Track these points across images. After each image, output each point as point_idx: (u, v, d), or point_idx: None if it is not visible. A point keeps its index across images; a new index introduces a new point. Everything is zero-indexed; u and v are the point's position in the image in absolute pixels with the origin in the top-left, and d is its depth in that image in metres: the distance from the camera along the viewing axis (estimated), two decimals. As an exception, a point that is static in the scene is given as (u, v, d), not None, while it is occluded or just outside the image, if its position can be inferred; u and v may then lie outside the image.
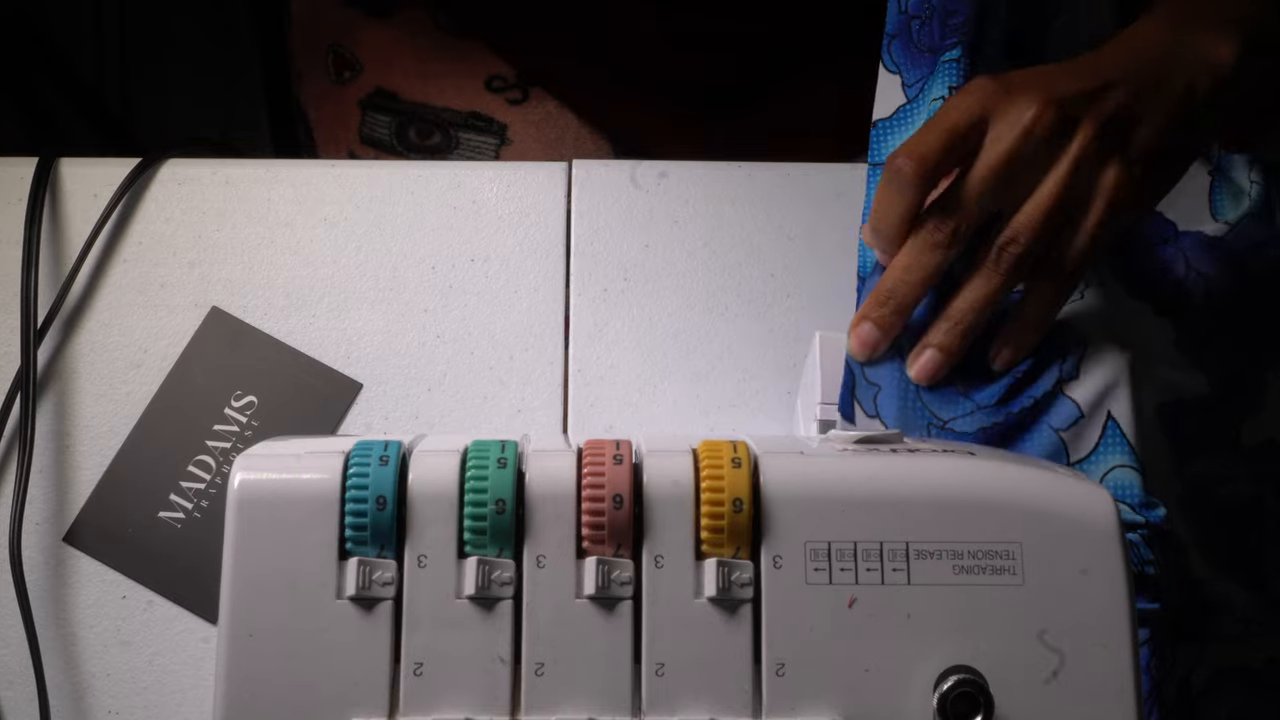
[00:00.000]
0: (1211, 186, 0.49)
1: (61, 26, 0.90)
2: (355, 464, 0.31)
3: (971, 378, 0.43)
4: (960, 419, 0.43)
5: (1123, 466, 0.42)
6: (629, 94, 0.64)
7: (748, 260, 0.51)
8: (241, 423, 0.49)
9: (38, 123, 0.86)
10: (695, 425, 0.49)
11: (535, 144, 0.64)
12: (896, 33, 0.48)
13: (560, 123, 0.64)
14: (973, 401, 0.43)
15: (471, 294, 0.51)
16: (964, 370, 0.43)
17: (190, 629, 0.47)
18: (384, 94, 0.65)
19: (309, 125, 0.70)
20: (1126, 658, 0.31)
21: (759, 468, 0.32)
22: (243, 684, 0.30)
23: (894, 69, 0.48)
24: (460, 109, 0.64)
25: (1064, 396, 0.42)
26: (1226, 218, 0.49)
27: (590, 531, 0.31)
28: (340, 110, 0.67)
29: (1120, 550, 0.31)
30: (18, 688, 0.47)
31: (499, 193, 0.52)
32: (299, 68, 0.70)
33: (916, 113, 0.47)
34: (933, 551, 0.31)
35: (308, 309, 0.51)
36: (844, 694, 0.30)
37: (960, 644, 0.31)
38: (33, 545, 0.48)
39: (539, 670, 0.31)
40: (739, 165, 0.52)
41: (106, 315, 0.50)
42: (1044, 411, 0.42)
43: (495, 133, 0.64)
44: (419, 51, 0.64)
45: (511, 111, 0.64)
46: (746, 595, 0.31)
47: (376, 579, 0.31)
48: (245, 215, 0.51)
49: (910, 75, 0.47)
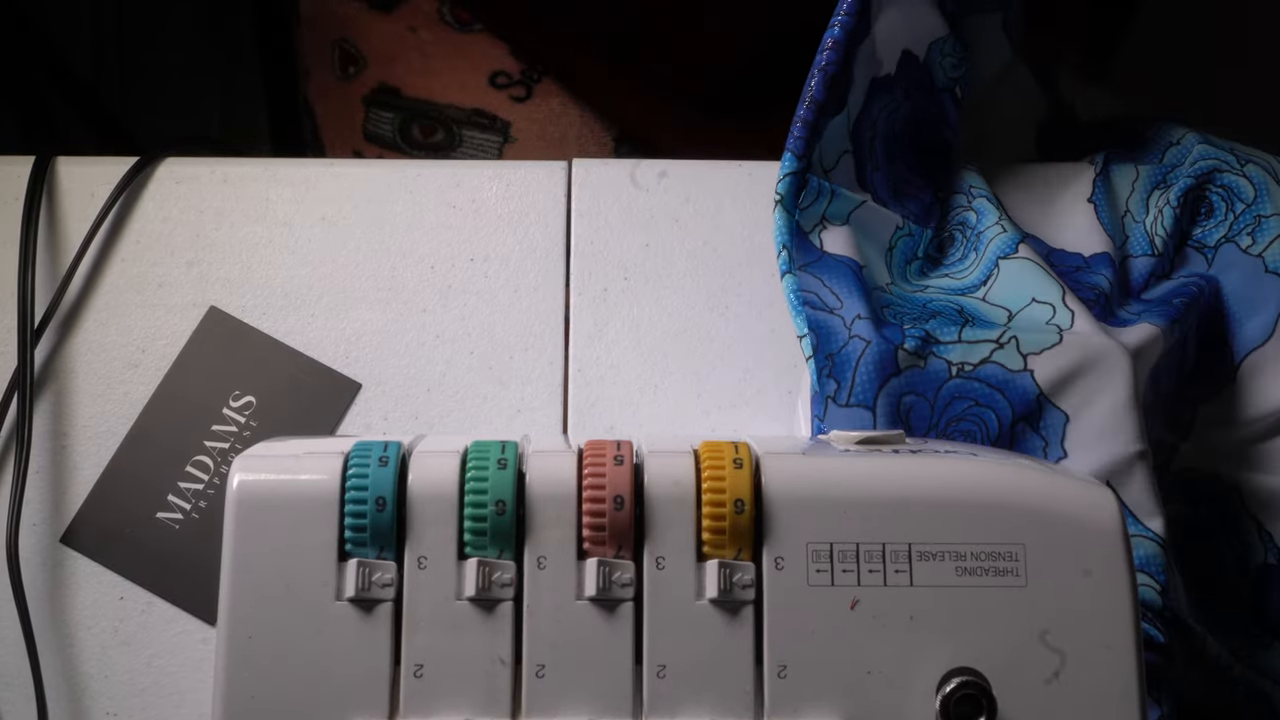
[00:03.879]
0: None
1: (59, 25, 0.90)
2: (354, 465, 0.31)
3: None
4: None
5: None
6: (633, 87, 0.63)
7: (748, 260, 0.51)
8: (240, 423, 0.49)
9: (34, 121, 0.86)
10: (696, 425, 0.49)
11: (539, 141, 0.64)
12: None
13: (563, 121, 0.64)
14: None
15: (471, 294, 0.51)
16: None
17: (189, 630, 0.47)
18: (387, 90, 0.65)
19: (315, 122, 0.70)
20: (1129, 659, 0.31)
21: (760, 468, 0.31)
22: (241, 686, 0.30)
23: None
24: (464, 106, 0.64)
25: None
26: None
27: (591, 532, 0.31)
28: (345, 107, 0.67)
29: (1123, 551, 0.31)
30: (15, 689, 0.47)
31: (499, 192, 0.52)
32: (307, 64, 0.70)
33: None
34: (935, 553, 0.31)
35: (306, 309, 0.50)
36: (846, 696, 0.30)
37: (963, 646, 0.31)
38: (30, 546, 0.48)
39: (540, 672, 0.30)
40: (739, 165, 0.52)
41: (104, 315, 0.50)
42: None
43: (499, 130, 0.64)
44: (423, 46, 0.64)
45: (515, 109, 0.64)
46: (748, 597, 0.31)
47: (376, 580, 0.31)
48: (243, 214, 0.51)
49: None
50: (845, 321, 0.44)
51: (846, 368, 0.43)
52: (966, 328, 0.44)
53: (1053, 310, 0.46)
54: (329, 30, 0.67)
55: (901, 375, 0.43)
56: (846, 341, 0.43)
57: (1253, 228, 0.49)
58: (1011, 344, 0.43)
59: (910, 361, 0.43)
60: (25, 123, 0.86)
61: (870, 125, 0.49)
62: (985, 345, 0.43)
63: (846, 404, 0.43)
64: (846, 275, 0.45)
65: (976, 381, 0.43)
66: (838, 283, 0.45)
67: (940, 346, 0.43)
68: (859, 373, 0.43)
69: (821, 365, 0.43)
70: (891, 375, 0.43)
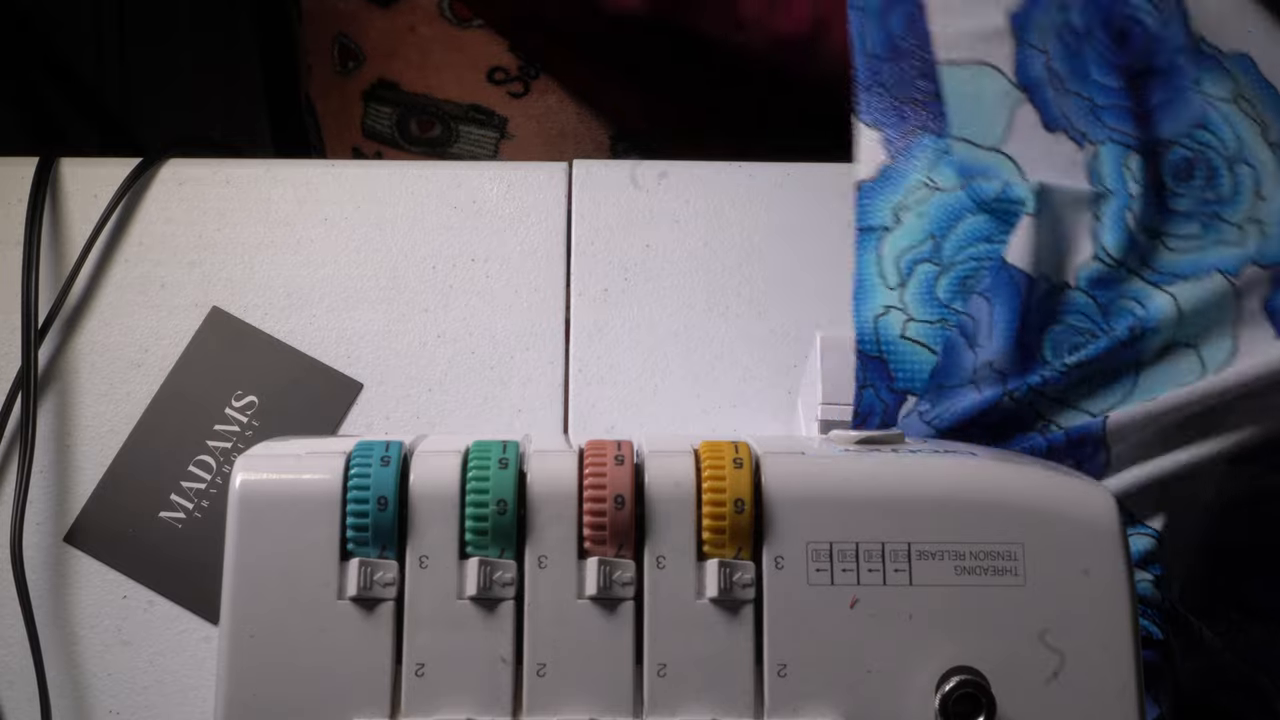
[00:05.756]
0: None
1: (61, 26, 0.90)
2: (356, 464, 0.31)
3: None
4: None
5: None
6: (632, 83, 0.64)
7: (748, 260, 0.51)
8: (242, 423, 0.49)
9: (38, 123, 0.86)
10: (696, 425, 0.49)
11: (536, 138, 0.64)
12: (869, 84, 0.45)
13: (561, 117, 0.64)
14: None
15: (472, 294, 0.51)
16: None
17: (191, 629, 0.47)
18: (386, 85, 0.65)
19: (317, 119, 0.70)
20: (1128, 658, 0.31)
21: (760, 468, 0.32)
22: (244, 684, 0.30)
23: (872, 122, 0.45)
24: (462, 101, 0.64)
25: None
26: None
27: (592, 532, 0.31)
28: (345, 103, 0.67)
29: (1122, 550, 0.31)
30: (18, 687, 0.47)
31: (499, 192, 0.52)
32: (309, 61, 0.70)
33: (902, 176, 0.45)
34: (934, 552, 0.31)
35: (308, 309, 0.50)
36: (846, 694, 0.30)
37: (962, 644, 0.31)
38: (33, 545, 0.48)
39: (541, 671, 0.31)
40: (739, 165, 0.52)
41: (107, 315, 0.50)
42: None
43: (496, 126, 0.64)
44: (421, 42, 0.64)
45: (513, 105, 0.64)
46: (748, 596, 0.31)
47: (378, 579, 0.31)
48: (246, 215, 0.51)
49: (893, 132, 0.45)
50: (974, 362, 0.41)
51: (946, 399, 0.41)
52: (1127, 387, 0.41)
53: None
54: (329, 25, 0.67)
55: (992, 412, 0.41)
56: (963, 384, 0.41)
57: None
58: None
59: (1009, 406, 0.41)
60: (29, 124, 0.86)
61: (1039, 36, 0.43)
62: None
63: (929, 422, 0.41)
64: (1011, 295, 0.41)
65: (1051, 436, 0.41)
66: (1000, 305, 0.41)
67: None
68: (952, 408, 0.41)
69: (924, 387, 0.42)
70: (980, 411, 0.41)
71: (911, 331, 0.42)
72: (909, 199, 0.44)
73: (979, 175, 0.43)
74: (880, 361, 0.42)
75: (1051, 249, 0.42)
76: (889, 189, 0.45)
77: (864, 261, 0.44)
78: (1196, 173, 0.43)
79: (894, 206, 0.44)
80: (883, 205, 0.45)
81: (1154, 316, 0.41)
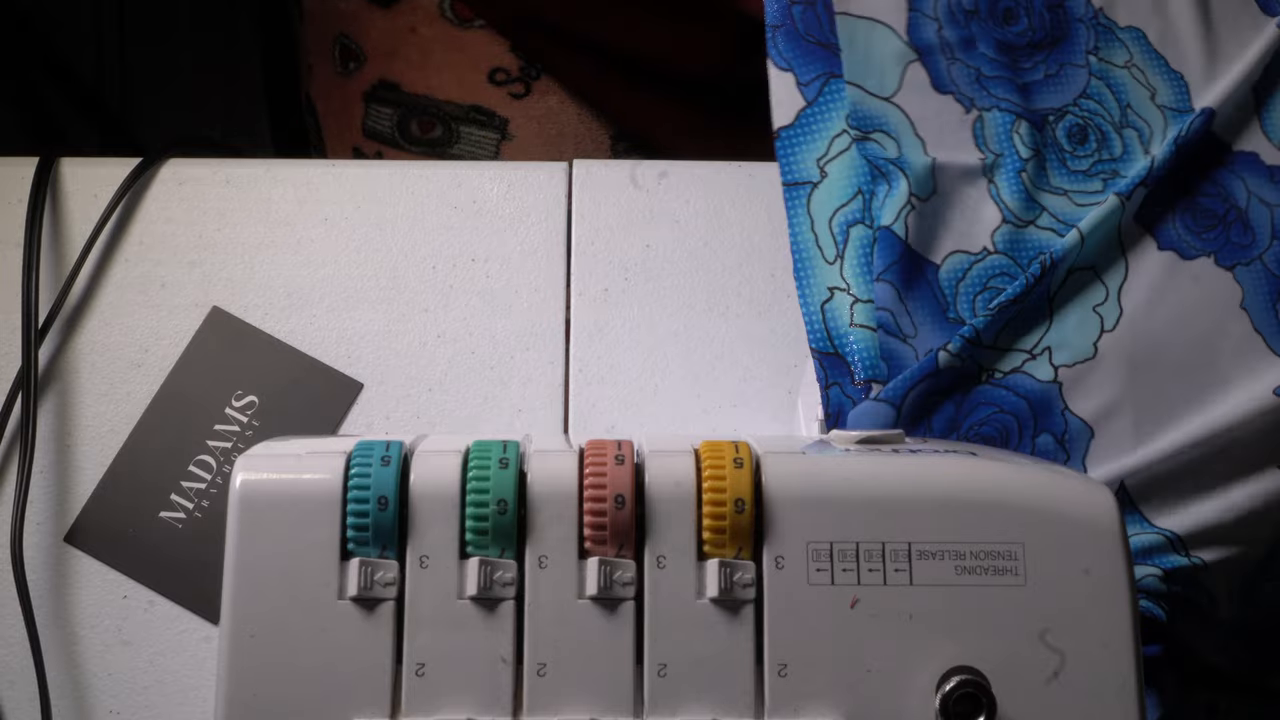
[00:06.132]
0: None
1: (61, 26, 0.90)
2: (357, 464, 0.31)
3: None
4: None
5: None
6: (633, 84, 0.64)
7: (748, 260, 0.51)
8: (242, 423, 0.49)
9: (38, 123, 0.86)
10: (696, 425, 0.49)
11: (536, 139, 0.64)
12: (779, 23, 0.46)
13: (561, 118, 0.64)
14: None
15: (472, 294, 0.51)
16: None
17: (191, 629, 0.47)
18: (387, 85, 0.65)
19: (317, 119, 0.70)
20: (1128, 657, 0.31)
21: (761, 468, 0.32)
22: (244, 684, 0.30)
23: (784, 65, 0.46)
24: (462, 102, 0.64)
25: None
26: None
27: (592, 532, 0.31)
28: (346, 103, 0.67)
29: (1122, 550, 0.31)
30: (19, 687, 0.47)
31: (500, 192, 0.52)
32: (309, 61, 0.70)
33: (821, 118, 0.45)
34: (935, 552, 0.31)
35: (308, 309, 0.50)
36: (846, 694, 0.30)
37: (962, 644, 0.31)
38: (34, 545, 0.48)
39: (541, 671, 0.31)
40: (739, 165, 0.52)
41: (107, 315, 0.50)
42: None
43: (496, 127, 0.64)
44: (422, 42, 0.64)
45: (513, 106, 0.64)
46: (749, 596, 0.31)
47: (378, 579, 0.31)
48: (246, 215, 0.51)
49: (804, 72, 0.45)
50: (912, 354, 0.43)
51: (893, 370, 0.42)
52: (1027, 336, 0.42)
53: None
54: (330, 26, 0.67)
55: (940, 374, 0.42)
56: (905, 354, 0.42)
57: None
58: (1044, 355, 0.43)
59: (949, 362, 0.42)
60: (29, 124, 0.86)
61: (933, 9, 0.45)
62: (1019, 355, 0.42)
63: (875, 399, 0.42)
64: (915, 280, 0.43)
65: (1003, 389, 0.43)
66: (911, 297, 0.43)
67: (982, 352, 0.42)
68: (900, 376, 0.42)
69: (884, 373, 0.42)
70: (929, 375, 0.42)
71: (859, 316, 0.43)
72: (832, 148, 0.45)
73: (874, 129, 0.45)
74: (837, 358, 0.43)
75: (946, 225, 0.44)
76: (810, 137, 0.45)
77: (798, 225, 0.45)
78: (1090, 137, 0.46)
79: (817, 157, 0.45)
80: (806, 156, 0.45)
81: (1060, 248, 0.43)
